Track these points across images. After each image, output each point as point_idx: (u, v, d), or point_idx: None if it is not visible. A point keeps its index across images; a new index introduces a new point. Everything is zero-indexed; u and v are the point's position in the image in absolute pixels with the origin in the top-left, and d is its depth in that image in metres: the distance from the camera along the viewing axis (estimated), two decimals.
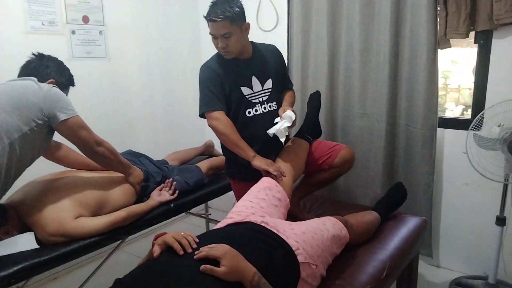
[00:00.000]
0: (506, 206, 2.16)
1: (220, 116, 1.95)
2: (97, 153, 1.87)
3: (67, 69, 1.98)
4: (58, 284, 2.60)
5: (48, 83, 1.80)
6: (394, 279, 1.85)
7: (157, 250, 1.29)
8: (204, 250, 1.23)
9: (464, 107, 2.92)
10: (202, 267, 1.18)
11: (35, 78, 1.75)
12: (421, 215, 2.22)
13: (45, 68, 1.87)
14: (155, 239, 1.34)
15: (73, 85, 2.01)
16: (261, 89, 2.05)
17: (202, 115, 2.01)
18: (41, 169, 2.00)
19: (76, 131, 1.77)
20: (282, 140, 1.93)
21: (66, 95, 1.91)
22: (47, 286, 2.58)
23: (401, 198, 2.15)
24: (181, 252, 1.26)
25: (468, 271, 2.48)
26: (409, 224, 2.02)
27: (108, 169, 2.03)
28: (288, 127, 1.92)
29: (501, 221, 2.15)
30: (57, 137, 1.85)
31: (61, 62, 1.96)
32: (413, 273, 2.12)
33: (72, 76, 2.00)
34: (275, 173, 1.87)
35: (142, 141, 2.99)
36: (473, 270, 2.46)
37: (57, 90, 1.75)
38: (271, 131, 1.92)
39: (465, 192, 2.40)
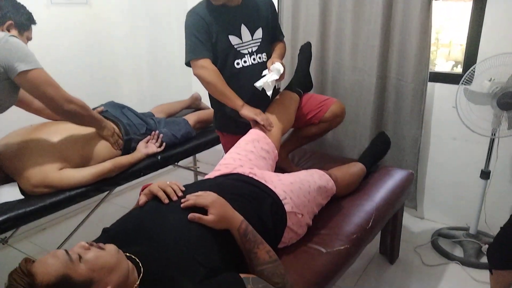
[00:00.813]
0: (491, 160, 2.18)
1: (206, 64, 1.88)
2: (69, 111, 1.73)
3: (24, 7, 1.81)
4: (46, 235, 2.61)
5: (7, 26, 1.69)
6: (379, 230, 1.89)
7: (142, 199, 1.28)
8: (192, 199, 1.22)
9: (454, 63, 2.89)
10: (190, 215, 1.18)
11: None
12: (407, 168, 2.24)
13: None
14: (142, 190, 1.33)
15: (34, 23, 1.85)
16: (251, 39, 1.98)
17: (188, 64, 1.94)
18: (22, 120, 1.95)
19: (40, 87, 1.61)
20: (269, 93, 1.88)
21: (29, 36, 1.80)
22: (36, 237, 2.59)
23: (385, 147, 2.15)
24: (166, 201, 1.25)
25: (451, 223, 2.55)
26: (396, 177, 2.04)
27: (79, 125, 1.92)
28: (275, 80, 1.87)
29: (485, 174, 2.19)
30: None
31: (14, 0, 1.79)
32: (398, 224, 2.17)
33: (31, 13, 1.83)
34: (262, 122, 1.84)
35: (126, 93, 2.91)
36: (456, 221, 2.53)
37: (15, 39, 1.57)
38: (258, 84, 1.87)
39: (452, 147, 2.42)
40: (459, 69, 2.39)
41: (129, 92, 2.94)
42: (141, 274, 1.07)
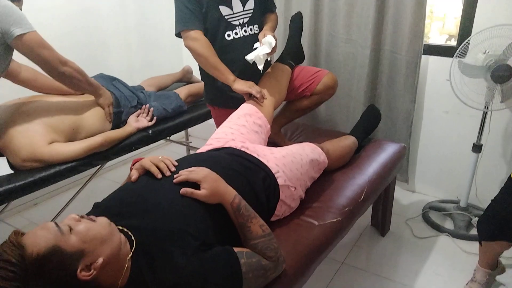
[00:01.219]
0: (483, 133, 2.19)
1: (198, 36, 1.83)
2: (64, 73, 1.75)
3: None
4: (38, 210, 2.60)
5: None
6: (371, 203, 1.90)
7: (134, 174, 1.27)
8: (184, 174, 1.21)
9: (448, 36, 2.86)
10: (183, 190, 1.17)
11: None
12: (400, 142, 2.24)
13: None
14: (133, 164, 1.31)
15: None
16: (242, 9, 1.92)
17: (178, 35, 1.89)
18: (9, 94, 1.91)
19: (36, 49, 1.64)
20: (260, 67, 1.85)
21: (20, 8, 1.74)
22: (27, 212, 2.58)
23: (376, 119, 2.14)
24: (159, 176, 1.24)
25: (442, 196, 2.58)
26: (388, 150, 2.04)
27: (76, 90, 1.93)
28: (267, 53, 1.83)
29: (477, 148, 2.20)
30: (24, 60, 1.73)
31: None
32: (389, 197, 2.18)
33: None
34: (257, 95, 1.81)
35: (116, 66, 2.84)
36: (446, 195, 2.56)
37: (8, 3, 1.59)
38: (249, 57, 1.83)
39: (444, 120, 2.42)
40: (453, 43, 2.36)
41: (118, 65, 2.88)
42: (134, 247, 1.07)
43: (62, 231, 0.95)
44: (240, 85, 1.84)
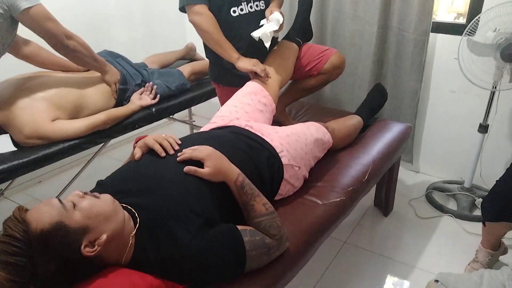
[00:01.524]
0: (490, 113, 2.16)
1: (202, 10, 1.79)
2: (68, 46, 1.74)
3: None
4: (42, 188, 2.62)
5: None
6: (375, 183, 1.90)
7: (138, 152, 1.26)
8: (187, 152, 1.20)
9: (456, 15, 2.79)
10: (186, 168, 1.17)
11: None
12: (405, 121, 2.22)
13: None
14: (136, 142, 1.30)
15: None
16: None
17: (182, 9, 1.85)
18: (12, 70, 1.89)
19: (42, 22, 1.63)
20: (267, 44, 1.81)
21: None
22: (31, 189, 2.59)
23: (382, 98, 2.11)
24: (163, 154, 1.23)
25: (446, 177, 2.56)
26: (393, 130, 2.02)
27: (81, 65, 1.92)
28: (274, 30, 1.79)
29: (483, 128, 2.17)
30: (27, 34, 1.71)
31: None
32: (393, 177, 2.17)
33: None
34: (262, 73, 1.78)
35: (119, 42, 2.80)
36: (451, 175, 2.55)
37: None
38: (256, 34, 1.79)
39: (451, 100, 2.39)
40: (461, 21, 2.30)
41: (121, 42, 2.84)
42: (137, 224, 1.07)
43: (65, 207, 0.96)
44: (244, 63, 1.81)
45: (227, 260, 1.06)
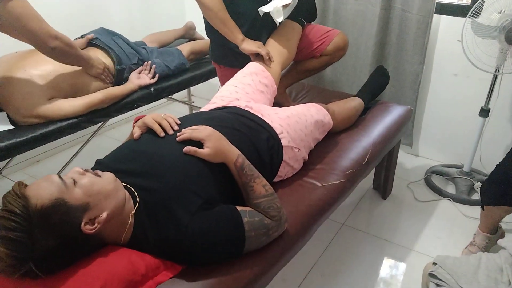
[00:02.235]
0: (492, 97, 2.14)
1: None
2: (54, 49, 1.59)
3: None
4: (40, 167, 2.61)
5: None
6: (375, 165, 1.89)
7: (137, 132, 1.25)
8: (187, 132, 1.19)
9: None
10: (185, 148, 1.16)
11: None
12: (406, 104, 2.20)
13: None
14: (135, 121, 1.29)
15: None
16: None
17: None
18: (6, 47, 1.85)
19: (22, 20, 1.45)
20: (279, 20, 1.72)
21: None
22: (30, 168, 2.59)
23: (384, 81, 2.09)
24: (162, 134, 1.22)
25: (445, 161, 2.56)
26: (394, 113, 2.01)
27: (66, 63, 1.78)
28: (286, 5, 1.69)
29: (485, 112, 2.16)
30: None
31: None
32: (393, 160, 2.17)
33: None
34: (267, 56, 1.75)
35: (116, 21, 2.75)
36: (450, 159, 2.54)
37: None
38: (265, 9, 1.71)
39: (452, 83, 2.37)
40: (466, 3, 2.26)
41: (119, 20, 2.79)
42: (137, 204, 1.06)
43: (66, 184, 0.96)
44: (249, 45, 1.77)
45: (226, 241, 1.06)
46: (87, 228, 0.96)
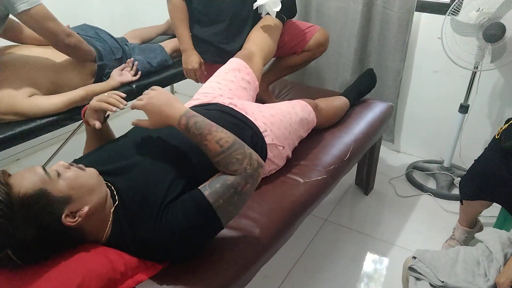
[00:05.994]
0: (471, 94, 2.18)
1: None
2: (69, 45, 1.74)
3: None
4: (20, 166, 2.56)
5: None
6: (357, 161, 1.91)
7: (95, 123, 1.23)
8: (132, 104, 1.15)
9: None
10: (133, 120, 1.15)
11: None
12: (388, 101, 2.23)
13: None
14: (83, 114, 1.27)
15: None
16: None
17: None
18: None
19: (43, 23, 1.62)
20: (277, 9, 1.74)
21: None
22: (9, 167, 2.53)
23: (371, 84, 2.12)
24: (114, 109, 1.19)
25: (426, 156, 2.60)
26: (376, 110, 2.03)
27: (79, 59, 1.89)
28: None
29: (464, 108, 2.20)
30: None
31: None
32: (375, 156, 2.19)
33: None
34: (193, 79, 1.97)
35: (96, 16, 2.71)
36: (431, 155, 2.58)
37: None
38: (259, 2, 1.73)
39: (433, 80, 2.40)
40: (446, 0, 2.30)
41: (99, 15, 2.75)
42: (116, 202, 1.06)
43: (50, 176, 0.96)
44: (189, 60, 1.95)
45: (197, 222, 1.03)
46: (67, 221, 0.95)
